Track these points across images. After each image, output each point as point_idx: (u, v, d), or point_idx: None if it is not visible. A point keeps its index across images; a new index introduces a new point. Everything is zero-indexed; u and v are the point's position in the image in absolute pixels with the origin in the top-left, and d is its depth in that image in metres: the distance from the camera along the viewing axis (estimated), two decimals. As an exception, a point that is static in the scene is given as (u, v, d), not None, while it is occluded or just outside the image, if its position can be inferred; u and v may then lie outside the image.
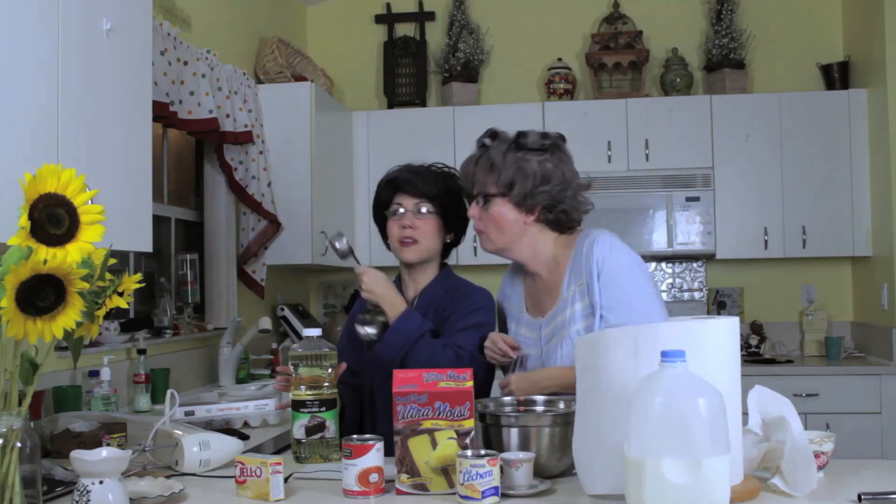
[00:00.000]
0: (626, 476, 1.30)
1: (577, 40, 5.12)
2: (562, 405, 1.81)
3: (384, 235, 2.27)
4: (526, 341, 2.06)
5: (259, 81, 4.33)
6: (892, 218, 4.26)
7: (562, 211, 1.99)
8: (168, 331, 3.49)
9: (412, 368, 1.92)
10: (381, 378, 2.14)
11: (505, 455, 1.56)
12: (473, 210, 2.04)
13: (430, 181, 2.18)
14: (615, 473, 1.39)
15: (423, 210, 2.16)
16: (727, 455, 1.26)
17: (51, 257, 1.23)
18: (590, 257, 1.93)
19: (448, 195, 2.18)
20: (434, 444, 1.56)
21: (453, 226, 2.22)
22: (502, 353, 2.07)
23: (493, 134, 2.04)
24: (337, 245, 2.14)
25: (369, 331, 2.10)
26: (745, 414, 1.52)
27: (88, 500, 1.41)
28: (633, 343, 1.44)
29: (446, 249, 2.26)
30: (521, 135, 1.99)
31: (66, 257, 1.24)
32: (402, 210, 2.17)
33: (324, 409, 1.90)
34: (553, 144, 2.00)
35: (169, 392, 2.01)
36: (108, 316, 1.37)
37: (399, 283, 2.26)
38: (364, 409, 2.24)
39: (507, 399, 1.85)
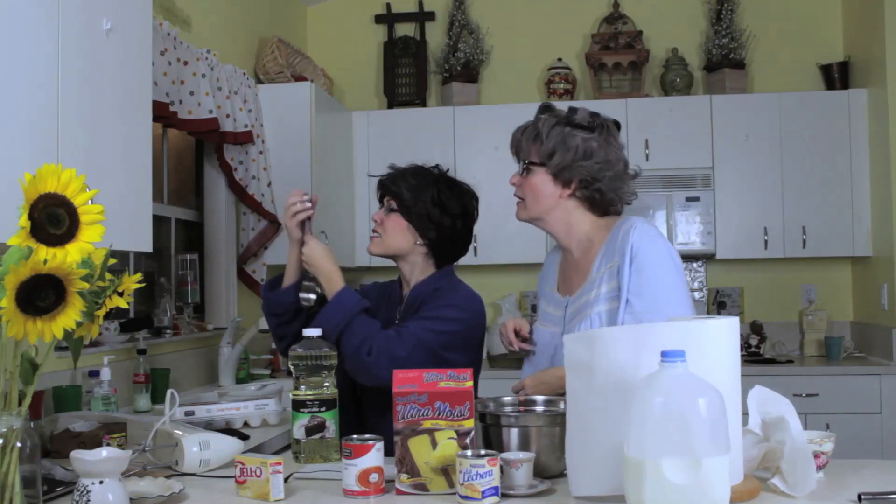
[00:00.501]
0: (625, 476, 1.30)
1: (577, 40, 5.13)
2: (562, 405, 1.81)
3: None
4: (552, 319, 2.07)
5: (259, 81, 4.33)
6: (892, 218, 4.26)
7: (597, 190, 1.99)
8: (168, 331, 3.49)
9: (349, 345, 2.00)
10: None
11: (505, 455, 1.56)
12: (514, 177, 2.06)
13: (404, 181, 2.20)
14: (608, 474, 1.39)
15: (390, 207, 2.21)
16: (727, 455, 1.26)
17: (51, 257, 1.23)
18: (625, 241, 1.92)
19: (415, 196, 2.18)
20: (434, 444, 1.56)
21: (424, 228, 2.19)
22: (508, 342, 2.07)
23: (546, 107, 2.08)
24: (298, 203, 2.18)
25: (310, 296, 2.18)
26: (744, 414, 1.52)
27: (88, 500, 1.41)
28: (632, 342, 1.44)
29: (437, 252, 2.23)
30: (571, 110, 2.02)
31: (66, 257, 1.24)
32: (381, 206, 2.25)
33: (324, 409, 1.90)
34: (602, 125, 2.01)
35: (169, 392, 2.01)
36: (108, 316, 1.37)
37: (399, 282, 2.31)
38: (351, 408, 2.24)
39: (507, 399, 1.85)
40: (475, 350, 2.20)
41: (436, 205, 2.18)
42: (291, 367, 1.94)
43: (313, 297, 2.18)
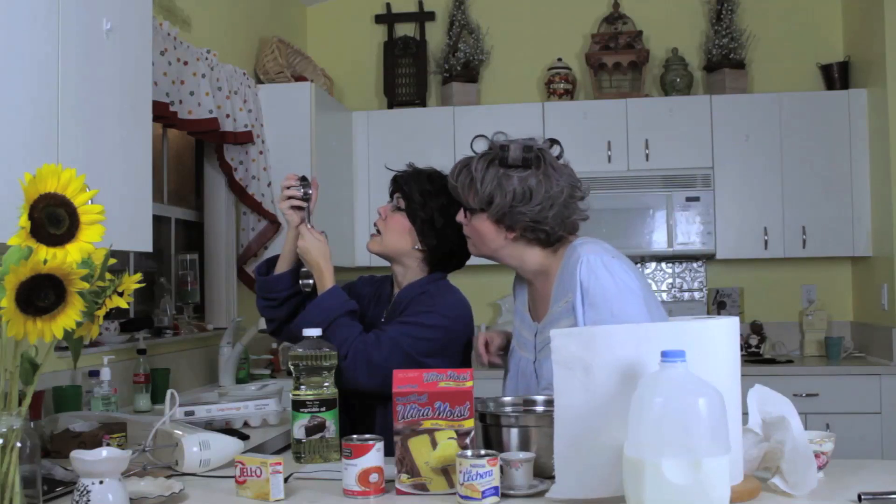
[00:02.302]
0: (625, 476, 1.30)
1: (577, 40, 5.13)
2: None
3: None
4: (524, 344, 2.05)
5: (259, 81, 4.33)
6: (892, 218, 4.26)
7: (543, 231, 1.92)
8: (168, 331, 3.49)
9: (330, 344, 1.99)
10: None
11: (505, 455, 1.56)
12: (460, 215, 2.01)
13: (418, 183, 2.17)
14: (601, 475, 1.39)
15: (398, 206, 2.19)
16: (727, 455, 1.26)
17: (51, 257, 1.23)
18: (573, 276, 1.86)
19: (425, 201, 2.16)
20: (434, 444, 1.56)
21: (425, 234, 2.17)
22: (478, 354, 2.07)
23: (481, 142, 1.99)
24: (301, 188, 2.21)
25: (308, 282, 2.19)
26: (744, 414, 1.52)
27: (88, 500, 1.41)
28: (633, 341, 1.43)
29: (433, 261, 2.20)
30: (503, 148, 1.91)
31: (66, 257, 1.24)
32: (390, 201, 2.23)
33: (324, 409, 1.90)
34: (536, 157, 1.90)
35: (169, 392, 2.01)
36: (108, 316, 1.37)
37: (392, 282, 2.30)
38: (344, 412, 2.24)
39: (507, 399, 1.85)
40: (458, 356, 2.15)
41: (443, 214, 2.13)
42: (291, 367, 1.94)
43: (311, 282, 2.19)
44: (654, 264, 5.05)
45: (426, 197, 2.15)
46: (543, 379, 1.92)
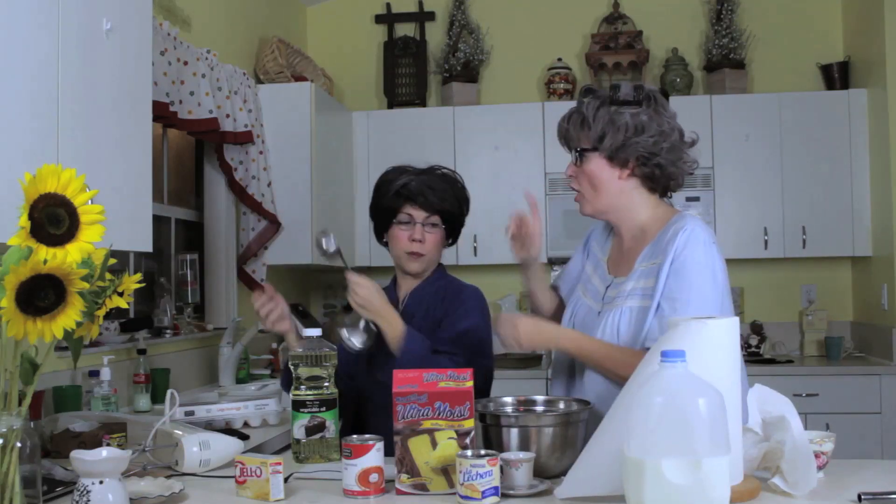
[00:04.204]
0: (625, 476, 1.30)
1: (577, 40, 5.12)
2: (562, 405, 1.81)
3: (379, 234, 2.28)
4: (592, 291, 2.01)
5: (259, 81, 4.33)
6: (892, 218, 4.26)
7: (657, 165, 1.90)
8: (168, 331, 3.49)
9: None
10: (370, 380, 2.17)
11: (505, 455, 1.56)
12: (570, 168, 1.98)
13: (442, 194, 2.19)
14: (598, 474, 1.40)
15: (433, 223, 2.19)
16: (727, 455, 1.26)
17: (51, 257, 1.23)
18: (671, 241, 1.84)
19: (455, 207, 2.22)
20: (434, 444, 1.56)
21: (455, 236, 2.29)
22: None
23: (587, 90, 1.99)
24: (324, 244, 2.08)
25: (356, 343, 2.07)
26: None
27: (88, 500, 1.41)
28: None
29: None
30: (614, 88, 1.93)
31: (66, 257, 1.24)
32: (412, 222, 2.18)
33: (324, 409, 1.90)
34: (648, 97, 1.91)
35: (169, 392, 2.02)
36: (108, 316, 1.37)
37: (394, 282, 2.31)
38: (357, 408, 2.24)
39: (507, 399, 1.85)
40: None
41: (463, 213, 2.25)
42: (291, 367, 1.94)
43: (360, 345, 2.06)
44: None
45: (453, 204, 2.21)
46: (605, 332, 1.89)
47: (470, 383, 1.59)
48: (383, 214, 2.24)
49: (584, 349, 1.87)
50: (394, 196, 2.19)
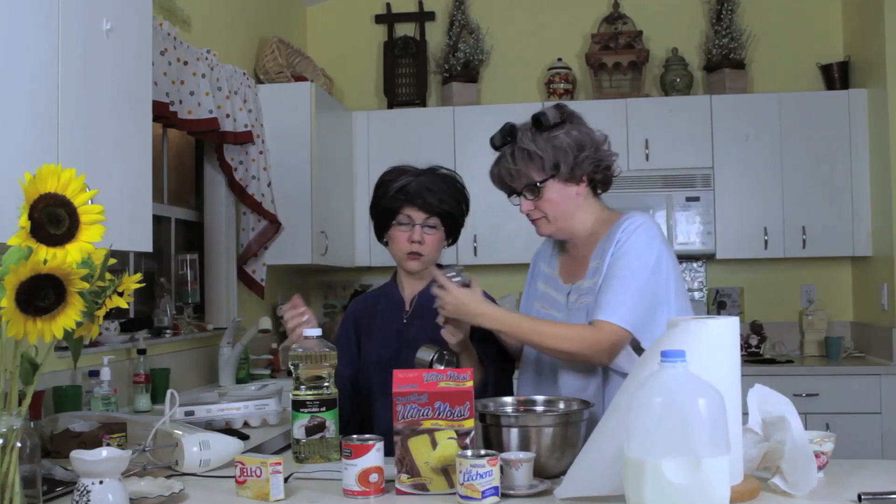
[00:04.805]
0: (625, 476, 1.30)
1: (577, 40, 5.12)
2: (562, 405, 1.82)
3: (379, 234, 2.28)
4: (552, 303, 2.07)
5: (259, 81, 4.33)
6: (892, 218, 4.26)
7: (606, 168, 2.04)
8: (168, 331, 3.49)
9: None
10: (378, 377, 2.15)
11: (505, 455, 1.56)
12: (525, 204, 2.04)
13: (441, 196, 2.19)
14: (596, 474, 1.40)
15: (432, 224, 2.19)
16: (727, 455, 1.26)
17: (51, 257, 1.23)
18: (617, 230, 1.95)
19: (454, 208, 2.22)
20: (434, 444, 1.56)
21: (455, 236, 2.30)
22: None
23: (510, 129, 2.06)
24: (456, 276, 2.00)
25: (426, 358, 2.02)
26: (744, 414, 1.52)
27: (88, 500, 1.41)
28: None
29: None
30: (538, 117, 2.01)
31: (66, 257, 1.24)
32: (411, 223, 2.19)
33: (324, 409, 1.90)
34: (569, 114, 2.03)
35: (169, 392, 2.01)
36: (108, 316, 1.37)
37: (394, 281, 2.31)
38: (361, 407, 2.25)
39: (507, 399, 1.85)
40: None
41: (463, 213, 2.27)
42: (291, 367, 1.94)
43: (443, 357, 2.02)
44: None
45: (453, 204, 2.21)
46: None
47: (470, 383, 1.60)
48: (383, 215, 2.23)
49: (510, 326, 1.93)
50: (393, 197, 2.20)
